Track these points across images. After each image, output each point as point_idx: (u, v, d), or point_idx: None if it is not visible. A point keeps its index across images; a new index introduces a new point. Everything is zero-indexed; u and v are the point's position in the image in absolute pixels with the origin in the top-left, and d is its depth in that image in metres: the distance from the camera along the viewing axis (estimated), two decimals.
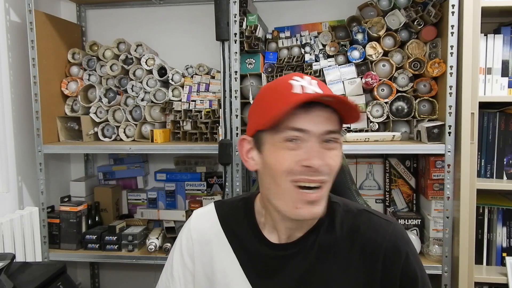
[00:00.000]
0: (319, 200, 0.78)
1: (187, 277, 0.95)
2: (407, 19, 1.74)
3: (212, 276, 0.91)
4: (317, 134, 0.76)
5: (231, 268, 0.89)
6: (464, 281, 1.58)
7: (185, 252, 0.95)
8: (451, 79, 1.58)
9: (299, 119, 0.75)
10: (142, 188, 2.23)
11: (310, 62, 1.83)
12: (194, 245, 0.93)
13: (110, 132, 1.98)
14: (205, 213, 0.97)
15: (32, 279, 1.09)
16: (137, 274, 2.28)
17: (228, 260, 0.90)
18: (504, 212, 1.68)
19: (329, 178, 0.78)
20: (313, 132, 0.76)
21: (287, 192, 0.78)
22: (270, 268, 0.86)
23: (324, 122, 0.76)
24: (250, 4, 1.85)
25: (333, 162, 0.78)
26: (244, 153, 0.86)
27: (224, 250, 0.91)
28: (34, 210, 1.80)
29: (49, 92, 1.91)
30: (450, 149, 1.60)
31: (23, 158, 1.90)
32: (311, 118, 0.75)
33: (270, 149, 0.79)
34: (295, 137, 0.76)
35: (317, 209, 0.78)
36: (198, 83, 1.93)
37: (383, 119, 1.77)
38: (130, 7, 2.20)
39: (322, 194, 0.78)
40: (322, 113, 0.76)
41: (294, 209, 0.78)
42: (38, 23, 1.81)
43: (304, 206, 0.77)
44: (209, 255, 0.92)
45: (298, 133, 0.76)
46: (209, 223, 0.94)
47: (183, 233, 0.97)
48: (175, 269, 0.95)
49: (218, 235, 0.92)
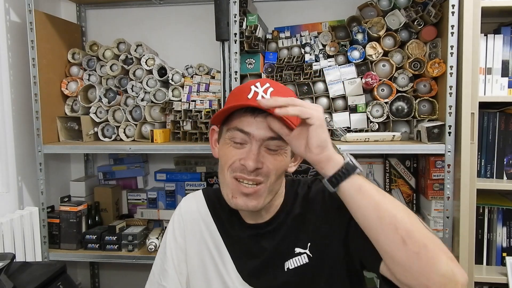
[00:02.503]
0: (254, 194, 0.86)
1: (180, 256, 1.01)
2: (407, 19, 1.74)
3: (202, 254, 0.98)
4: (257, 138, 0.84)
5: (217, 248, 0.98)
6: None
7: (177, 231, 1.02)
8: (451, 79, 1.58)
9: (246, 122, 0.84)
10: (142, 188, 2.23)
11: (310, 62, 1.83)
12: (186, 224, 1.03)
13: (110, 132, 1.98)
14: (194, 196, 1.07)
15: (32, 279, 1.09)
16: (137, 274, 2.28)
17: (214, 240, 0.99)
18: (504, 212, 1.68)
19: (265, 179, 0.86)
20: (255, 135, 0.84)
21: (229, 182, 0.88)
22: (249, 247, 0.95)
23: (266, 128, 0.83)
24: (250, 4, 1.85)
25: (271, 165, 0.85)
26: (212, 141, 0.98)
27: (211, 230, 1.00)
28: (34, 210, 1.81)
29: (49, 92, 1.91)
30: (450, 149, 1.60)
31: (23, 158, 1.90)
32: (255, 123, 0.84)
33: (222, 143, 0.90)
34: (238, 138, 0.85)
35: (253, 202, 0.87)
36: (198, 83, 1.93)
37: (383, 119, 1.77)
38: (130, 7, 2.20)
39: (258, 191, 0.86)
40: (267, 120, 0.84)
41: (232, 198, 0.88)
42: (38, 23, 1.81)
43: (240, 196, 0.87)
44: (199, 233, 1.00)
45: (243, 134, 0.85)
46: (197, 205, 1.04)
47: (174, 215, 1.06)
48: (168, 249, 1.02)
49: (205, 217, 1.01)
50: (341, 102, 1.83)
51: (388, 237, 0.72)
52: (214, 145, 0.96)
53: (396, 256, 0.72)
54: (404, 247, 0.71)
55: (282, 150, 0.86)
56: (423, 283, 0.70)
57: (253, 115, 0.84)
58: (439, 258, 0.70)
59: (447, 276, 0.70)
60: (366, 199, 0.74)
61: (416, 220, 0.74)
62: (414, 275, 0.71)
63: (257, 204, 0.87)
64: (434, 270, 0.70)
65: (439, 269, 0.70)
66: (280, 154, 0.86)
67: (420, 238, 0.71)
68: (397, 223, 0.72)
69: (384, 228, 0.72)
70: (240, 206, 0.88)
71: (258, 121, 0.84)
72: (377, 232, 0.73)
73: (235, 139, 0.86)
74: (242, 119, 0.85)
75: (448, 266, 0.70)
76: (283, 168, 0.88)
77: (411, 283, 0.72)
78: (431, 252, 0.70)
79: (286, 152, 0.88)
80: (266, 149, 0.85)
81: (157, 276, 1.04)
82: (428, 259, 0.70)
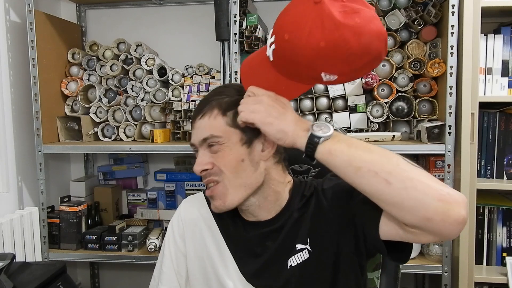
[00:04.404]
0: (214, 195, 0.89)
1: (179, 257, 1.01)
2: (407, 19, 1.74)
3: (202, 257, 0.98)
4: (197, 144, 0.89)
5: (218, 249, 0.97)
6: (464, 281, 1.58)
7: (177, 234, 1.02)
8: (451, 79, 1.58)
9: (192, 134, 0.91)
10: (142, 188, 2.23)
11: None
12: (185, 228, 1.01)
13: (110, 132, 1.98)
14: (194, 198, 1.06)
15: (32, 279, 1.09)
16: (137, 274, 2.28)
17: (216, 242, 0.98)
18: (504, 212, 1.68)
19: (220, 177, 0.88)
20: (195, 143, 0.90)
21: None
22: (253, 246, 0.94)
23: (199, 132, 0.88)
24: (250, 4, 1.85)
25: (219, 163, 0.87)
26: None
27: (212, 231, 0.99)
28: (34, 210, 1.80)
29: (49, 92, 1.91)
30: (450, 149, 1.60)
31: (23, 158, 1.90)
32: (194, 132, 0.90)
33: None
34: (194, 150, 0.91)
35: (217, 202, 0.90)
36: (198, 83, 1.93)
37: (383, 119, 1.77)
38: (130, 7, 2.20)
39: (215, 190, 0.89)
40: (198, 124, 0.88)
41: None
42: (38, 23, 1.81)
43: (210, 201, 0.92)
44: (199, 236, 0.99)
45: (192, 146, 0.91)
46: (198, 207, 1.02)
47: (174, 217, 1.05)
48: (167, 251, 1.02)
49: (207, 218, 1.00)
50: (341, 102, 1.83)
51: (372, 184, 0.73)
52: None
53: (387, 199, 0.72)
54: (390, 187, 0.71)
55: (221, 145, 0.87)
56: (423, 216, 0.70)
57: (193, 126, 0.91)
58: (429, 186, 0.70)
59: (444, 200, 0.69)
60: (339, 158, 0.76)
61: (395, 159, 0.74)
62: (411, 212, 0.71)
63: (223, 203, 0.89)
64: (428, 199, 0.69)
65: (433, 196, 0.69)
66: (221, 149, 0.87)
67: (403, 173, 0.71)
68: (375, 168, 0.73)
69: (365, 177, 0.73)
70: (213, 209, 0.92)
71: (195, 129, 0.90)
72: (361, 183, 0.74)
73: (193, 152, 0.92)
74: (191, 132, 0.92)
75: (441, 190, 0.70)
76: (233, 160, 0.87)
77: (413, 221, 0.71)
78: (419, 183, 0.70)
79: (227, 144, 0.87)
80: (209, 149, 0.88)
81: (156, 280, 1.03)
82: (418, 191, 0.70)
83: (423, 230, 0.72)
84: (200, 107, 0.90)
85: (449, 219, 0.69)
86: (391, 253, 0.83)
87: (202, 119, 0.88)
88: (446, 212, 0.69)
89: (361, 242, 0.86)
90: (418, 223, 0.71)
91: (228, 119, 0.87)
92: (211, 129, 0.87)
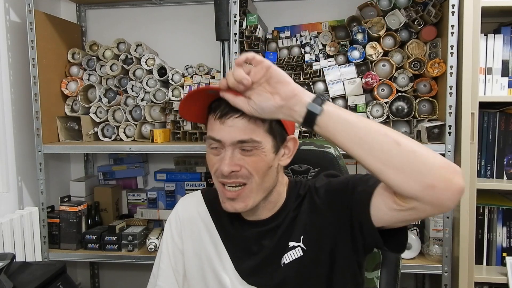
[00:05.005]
0: (238, 197, 0.88)
1: (177, 255, 1.02)
2: (407, 19, 1.74)
3: (200, 254, 0.98)
4: (228, 143, 0.85)
5: (215, 247, 0.97)
6: (464, 281, 1.58)
7: (175, 232, 1.02)
8: (451, 79, 1.58)
9: (216, 129, 0.86)
10: (142, 188, 2.23)
11: (310, 62, 1.83)
12: (183, 224, 1.02)
13: (110, 132, 1.98)
14: (192, 196, 1.07)
15: (32, 279, 1.09)
16: (137, 274, 2.28)
17: (212, 240, 0.98)
18: (504, 212, 1.68)
19: (248, 180, 0.87)
20: (225, 141, 0.85)
21: (217, 187, 0.91)
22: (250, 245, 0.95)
23: (235, 132, 0.84)
24: (250, 4, 1.85)
25: (249, 166, 0.86)
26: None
27: (209, 229, 0.99)
28: (34, 210, 1.80)
29: (49, 92, 1.91)
30: (450, 149, 1.60)
31: (23, 158, 1.90)
32: (224, 129, 0.85)
33: (207, 150, 0.91)
34: (214, 145, 0.87)
35: (239, 205, 0.88)
36: (198, 83, 1.93)
37: (383, 119, 1.77)
38: (130, 7, 2.20)
39: (241, 193, 0.88)
40: (234, 123, 0.84)
41: (222, 202, 0.91)
42: (38, 23, 1.81)
43: (227, 201, 0.89)
44: (197, 233, 1.00)
45: (215, 142, 0.86)
46: (195, 205, 1.03)
47: (171, 215, 1.05)
48: (164, 248, 1.03)
49: (204, 216, 1.01)
50: (341, 102, 1.83)
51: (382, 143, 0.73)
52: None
53: (394, 162, 0.72)
54: (399, 147, 0.72)
55: (257, 150, 0.85)
56: (427, 183, 0.70)
57: (221, 121, 0.85)
58: (434, 154, 0.72)
59: (448, 168, 0.71)
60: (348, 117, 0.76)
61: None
62: (416, 177, 0.71)
63: (246, 205, 0.88)
64: (435, 165, 0.70)
65: (439, 163, 0.71)
66: (257, 154, 0.86)
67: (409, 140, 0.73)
68: (384, 129, 0.75)
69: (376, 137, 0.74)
70: (229, 210, 0.90)
71: (226, 126, 0.84)
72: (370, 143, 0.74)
73: (211, 146, 0.88)
74: (212, 127, 0.87)
75: (444, 159, 0.72)
76: (265, 166, 0.87)
77: (416, 188, 0.71)
78: (425, 150, 0.72)
79: (263, 150, 0.86)
80: (241, 151, 0.85)
81: (155, 276, 1.04)
82: (425, 156, 0.71)
83: (422, 201, 0.72)
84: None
85: (451, 187, 0.70)
86: (387, 243, 0.84)
87: (239, 118, 0.84)
88: (450, 180, 0.70)
89: (358, 236, 0.86)
90: (420, 191, 0.71)
91: (267, 125, 0.86)
92: (252, 133, 0.84)
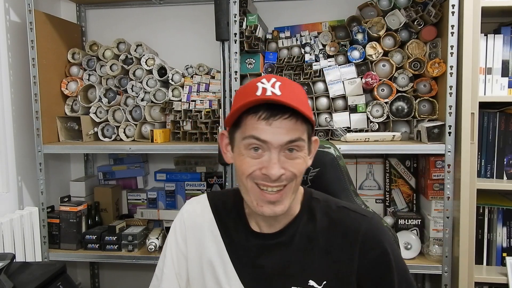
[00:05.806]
0: (279, 200, 0.84)
1: (180, 259, 1.00)
2: (407, 19, 1.74)
3: (203, 260, 0.96)
4: (276, 145, 0.81)
5: (219, 255, 0.95)
6: (464, 281, 1.58)
7: (179, 236, 1.00)
8: (451, 79, 1.58)
9: (262, 130, 0.81)
10: (142, 188, 2.23)
11: (310, 62, 1.83)
12: (187, 230, 0.99)
13: (110, 132, 1.98)
14: (198, 201, 1.03)
15: (32, 279, 1.09)
16: (137, 274, 2.28)
17: (217, 247, 0.96)
18: (504, 212, 1.68)
19: (289, 182, 0.84)
20: (273, 143, 0.81)
21: (252, 190, 0.85)
22: (254, 257, 0.92)
23: (284, 133, 0.81)
24: (250, 4, 1.85)
25: (295, 170, 0.83)
26: (223, 146, 0.93)
27: (214, 236, 0.97)
28: (34, 210, 1.80)
29: (49, 92, 1.91)
30: (450, 149, 1.60)
31: (23, 158, 1.90)
32: (272, 130, 0.80)
33: (237, 152, 0.86)
34: (256, 146, 0.82)
35: (279, 208, 0.85)
36: (198, 83, 1.93)
37: (383, 119, 1.77)
38: (130, 7, 2.20)
39: (283, 195, 0.84)
40: (283, 124, 0.81)
41: (258, 206, 0.85)
42: (38, 23, 1.81)
43: (265, 204, 0.85)
44: (201, 240, 0.98)
45: (260, 143, 0.81)
46: (201, 210, 1.00)
47: (176, 219, 1.03)
48: (168, 252, 1.01)
49: (209, 222, 0.98)
50: (341, 102, 1.83)
51: None
52: (226, 150, 0.93)
53: None
54: None
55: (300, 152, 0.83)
56: None
57: (267, 122, 0.80)
58: None
59: None
60: None
61: None
62: None
63: (284, 208, 0.86)
64: None
65: None
66: (300, 156, 0.84)
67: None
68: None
69: None
70: (268, 213, 0.85)
71: (274, 127, 0.80)
72: None
73: (252, 147, 0.83)
74: (257, 127, 0.81)
75: None
76: (305, 167, 0.86)
77: None
78: None
79: (304, 151, 0.84)
80: (285, 153, 0.83)
81: (158, 278, 1.03)
82: None
83: None
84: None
85: None
86: None
87: (288, 120, 0.81)
88: None
89: None
90: None
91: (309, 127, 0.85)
92: (302, 133, 0.83)
